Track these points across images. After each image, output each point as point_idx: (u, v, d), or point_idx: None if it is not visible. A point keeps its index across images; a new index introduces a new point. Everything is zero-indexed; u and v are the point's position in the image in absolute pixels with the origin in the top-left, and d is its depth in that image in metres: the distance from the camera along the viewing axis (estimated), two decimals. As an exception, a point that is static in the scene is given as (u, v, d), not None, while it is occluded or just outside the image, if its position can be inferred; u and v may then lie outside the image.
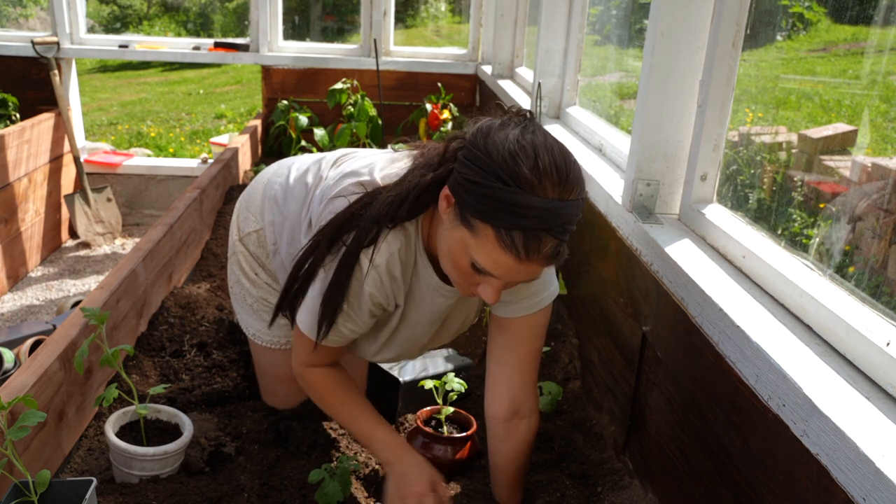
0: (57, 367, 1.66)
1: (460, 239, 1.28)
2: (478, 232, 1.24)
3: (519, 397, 1.57)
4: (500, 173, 1.20)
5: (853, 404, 0.95)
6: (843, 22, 1.93)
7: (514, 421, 1.58)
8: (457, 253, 1.30)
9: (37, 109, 4.30)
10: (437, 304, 1.55)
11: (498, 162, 1.20)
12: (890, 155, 1.69)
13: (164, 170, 4.70)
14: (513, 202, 1.19)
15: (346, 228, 1.42)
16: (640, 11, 2.66)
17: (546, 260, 1.24)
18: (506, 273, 1.26)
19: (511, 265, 1.24)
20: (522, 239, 1.20)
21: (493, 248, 1.23)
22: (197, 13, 14.15)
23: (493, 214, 1.21)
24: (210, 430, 1.81)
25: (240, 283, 1.91)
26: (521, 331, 1.55)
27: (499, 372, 1.58)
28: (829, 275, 1.21)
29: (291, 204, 1.73)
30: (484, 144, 1.24)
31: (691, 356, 1.34)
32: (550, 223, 1.20)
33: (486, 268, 1.26)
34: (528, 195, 1.19)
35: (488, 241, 1.23)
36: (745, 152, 2.03)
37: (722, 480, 1.24)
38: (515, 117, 1.31)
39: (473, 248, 1.26)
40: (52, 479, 1.35)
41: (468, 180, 1.24)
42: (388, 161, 1.54)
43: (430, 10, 13.23)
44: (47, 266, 4.06)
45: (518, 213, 1.19)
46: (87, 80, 11.31)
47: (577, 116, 2.57)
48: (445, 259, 1.36)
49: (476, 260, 1.27)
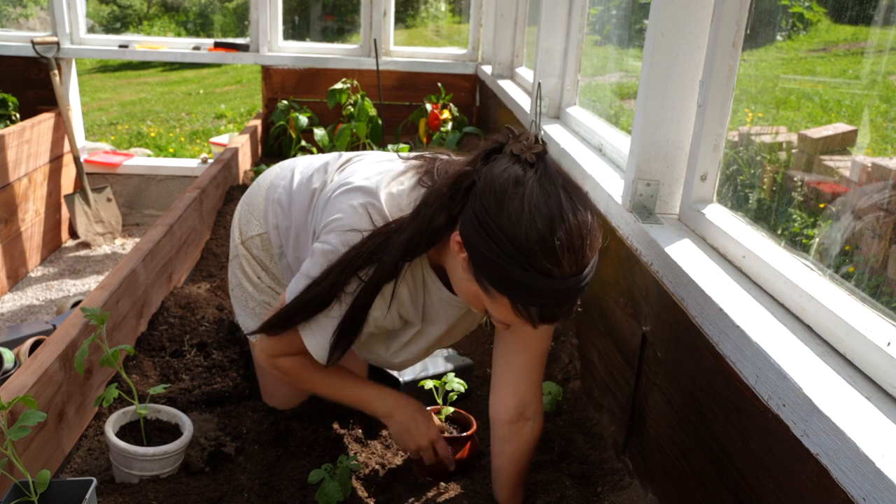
0: (57, 367, 1.66)
1: (475, 292, 1.31)
2: (494, 297, 1.27)
3: (524, 400, 1.58)
4: (517, 257, 1.20)
5: (853, 404, 0.95)
6: (843, 22, 1.93)
7: (519, 423, 1.58)
8: (471, 298, 1.36)
9: (37, 109, 4.31)
10: (451, 315, 1.59)
11: (514, 244, 1.20)
12: (890, 155, 1.69)
13: (164, 170, 4.70)
14: (530, 286, 1.21)
15: (364, 264, 1.42)
16: (640, 11, 2.66)
17: (560, 322, 1.31)
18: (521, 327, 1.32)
19: (525, 326, 1.30)
20: (538, 312, 1.25)
21: (509, 313, 1.28)
22: (197, 13, 14.15)
23: (510, 290, 1.23)
24: (210, 430, 1.81)
25: (241, 286, 1.89)
26: (528, 333, 1.54)
27: (505, 374, 1.59)
28: (829, 275, 1.21)
29: (296, 209, 1.73)
30: (497, 214, 1.22)
31: (691, 356, 1.34)
32: (567, 298, 1.24)
33: (501, 321, 1.32)
34: (545, 279, 1.20)
35: (504, 307, 1.27)
36: (745, 152, 2.03)
37: (722, 480, 1.24)
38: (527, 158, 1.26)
39: (489, 304, 1.30)
40: (52, 479, 1.35)
41: (483, 254, 1.23)
42: (393, 176, 1.52)
43: (430, 10, 13.23)
44: (47, 266, 4.06)
45: (535, 293, 1.22)
46: (87, 80, 11.31)
47: (577, 116, 2.57)
48: (460, 291, 1.40)
49: (491, 312, 1.32)
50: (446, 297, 1.53)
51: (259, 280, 1.86)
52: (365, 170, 1.58)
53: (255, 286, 1.87)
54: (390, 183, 1.50)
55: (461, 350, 2.27)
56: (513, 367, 1.58)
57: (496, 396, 1.61)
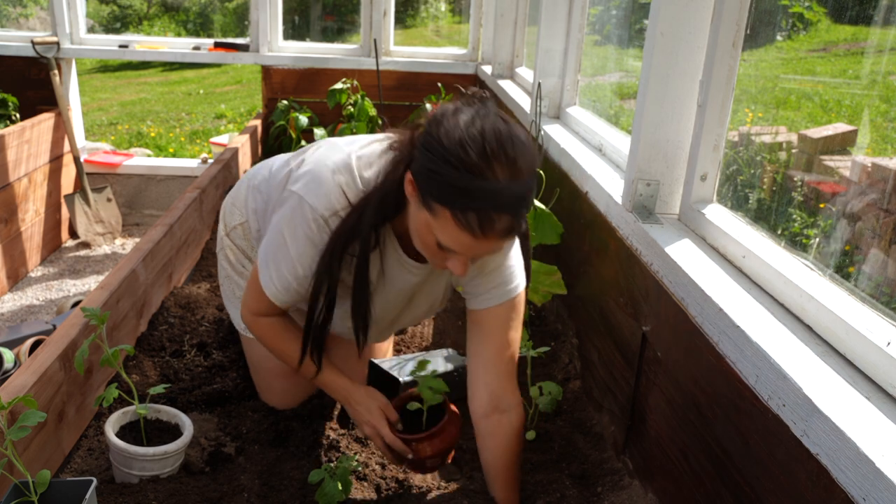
0: (57, 367, 1.66)
1: (424, 220, 1.37)
2: (437, 214, 1.32)
3: (496, 392, 1.60)
4: (452, 160, 1.28)
5: (853, 404, 0.95)
6: (843, 22, 1.93)
7: (495, 416, 1.60)
8: (423, 233, 1.39)
9: (37, 109, 4.30)
10: (405, 280, 1.63)
11: (449, 149, 1.28)
12: (890, 155, 1.69)
13: (164, 170, 4.70)
14: (464, 186, 1.27)
15: (350, 240, 1.48)
16: (640, 11, 2.66)
17: (502, 235, 1.33)
18: (466, 249, 1.35)
19: (470, 242, 1.32)
20: (476, 219, 1.28)
21: (452, 229, 1.32)
22: (197, 13, 14.15)
23: (448, 198, 1.29)
24: (210, 430, 1.81)
25: (229, 277, 1.95)
26: (492, 322, 1.60)
27: (475, 368, 1.63)
28: (829, 275, 1.21)
29: (274, 188, 1.77)
30: (437, 132, 1.31)
31: (691, 356, 1.34)
32: (501, 203, 1.28)
33: (448, 245, 1.35)
34: (477, 179, 1.27)
35: (447, 222, 1.31)
36: (745, 152, 2.03)
37: (722, 480, 1.24)
38: (470, 101, 1.37)
39: (435, 229, 1.35)
40: (52, 479, 1.35)
41: (425, 167, 1.32)
42: (367, 142, 1.60)
43: (430, 10, 13.23)
44: (47, 266, 4.06)
45: (470, 195, 1.27)
46: (87, 80, 11.31)
47: (577, 116, 2.57)
48: (415, 237, 1.44)
49: (439, 239, 1.36)
50: (403, 260, 1.59)
51: (244, 269, 1.91)
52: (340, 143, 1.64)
53: (240, 275, 1.92)
54: (364, 147, 1.58)
55: (461, 350, 2.27)
56: (482, 358, 1.62)
57: (471, 392, 1.64)
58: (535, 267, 2.08)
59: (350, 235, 1.48)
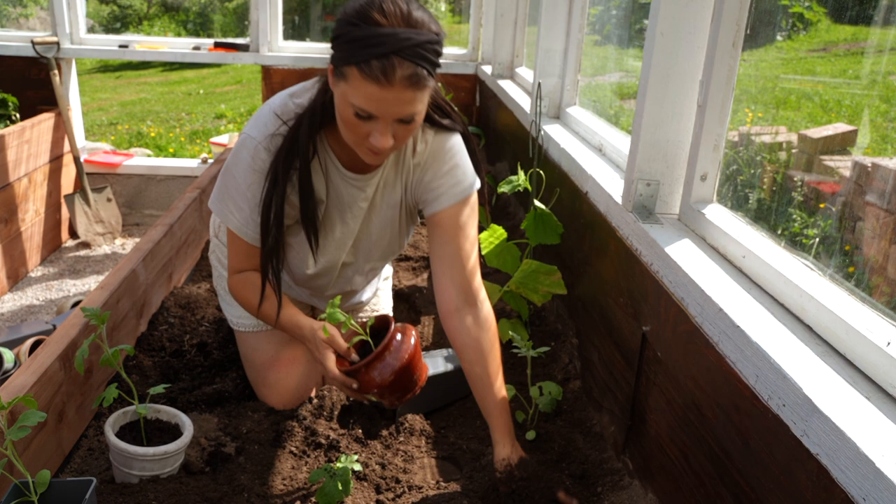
0: (57, 367, 1.66)
1: (342, 94, 1.47)
2: (348, 77, 1.43)
3: (463, 285, 1.69)
4: (352, 19, 1.41)
5: (853, 404, 0.95)
6: (843, 22, 1.93)
7: (466, 310, 1.68)
8: (343, 109, 1.49)
9: (37, 109, 4.30)
10: (352, 195, 1.73)
11: (349, 13, 1.43)
12: (890, 155, 1.69)
13: (164, 170, 4.70)
14: (363, 37, 1.39)
15: (291, 154, 1.61)
16: (640, 11, 2.66)
17: (406, 83, 1.41)
18: (379, 105, 1.43)
19: (378, 93, 1.41)
20: (379, 66, 1.38)
21: (361, 83, 1.41)
22: (197, 13, 14.15)
23: (353, 54, 1.41)
24: (210, 430, 1.81)
25: (222, 276, 2.03)
26: (450, 222, 1.71)
27: (439, 268, 1.72)
28: (829, 275, 1.21)
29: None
30: (343, 11, 1.46)
31: (691, 356, 1.34)
32: (399, 47, 1.38)
33: (363, 105, 1.44)
34: (374, 27, 1.39)
35: (356, 79, 1.42)
36: (745, 152, 2.03)
37: (722, 480, 1.24)
38: None
39: (350, 94, 1.44)
40: (52, 479, 1.35)
41: (333, 40, 1.46)
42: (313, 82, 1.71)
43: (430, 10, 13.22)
44: (47, 266, 4.06)
45: (369, 44, 1.39)
46: (87, 80, 11.31)
47: (577, 116, 2.57)
48: (341, 126, 1.54)
49: (353, 103, 1.44)
50: (343, 173, 1.71)
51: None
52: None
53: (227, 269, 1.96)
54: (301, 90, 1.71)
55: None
56: (445, 257, 1.71)
57: (438, 292, 1.71)
58: (535, 267, 2.08)
59: (290, 149, 1.60)
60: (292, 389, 1.96)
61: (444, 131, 1.73)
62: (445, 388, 2.03)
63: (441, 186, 1.71)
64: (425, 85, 1.45)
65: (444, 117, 1.72)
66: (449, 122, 1.73)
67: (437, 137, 1.72)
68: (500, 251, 2.24)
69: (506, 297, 2.23)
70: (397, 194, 1.78)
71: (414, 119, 1.49)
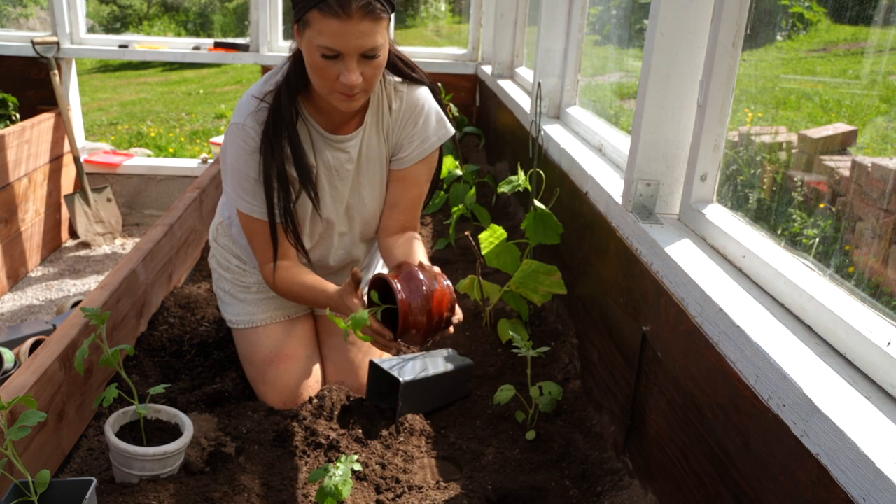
0: (57, 367, 1.66)
1: (308, 42, 1.59)
2: (310, 22, 1.56)
3: (405, 224, 1.94)
4: None
5: (853, 404, 0.95)
6: (843, 22, 1.93)
7: (402, 234, 1.92)
8: (311, 57, 1.60)
9: (37, 109, 4.30)
10: (337, 158, 1.85)
11: None
12: (890, 155, 1.69)
13: (164, 170, 4.70)
14: None
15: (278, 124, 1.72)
16: (640, 11, 2.66)
17: (363, 12, 1.53)
18: (341, 39, 1.54)
19: (339, 27, 1.53)
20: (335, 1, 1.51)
21: (322, 22, 1.54)
22: (197, 13, 14.15)
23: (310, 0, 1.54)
24: (210, 430, 1.81)
25: (220, 276, 2.09)
26: (412, 178, 1.92)
27: (391, 211, 1.94)
28: (829, 275, 1.21)
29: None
30: None
31: (691, 356, 1.34)
32: None
33: (326, 43, 1.55)
34: None
35: (317, 20, 1.54)
36: (745, 152, 2.03)
37: (722, 480, 1.24)
38: None
39: (314, 38, 1.56)
40: (52, 479, 1.35)
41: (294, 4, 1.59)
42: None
43: (430, 10, 13.23)
44: (47, 266, 4.06)
45: None
46: (87, 80, 11.31)
47: (577, 116, 2.57)
48: (312, 76, 1.65)
49: (318, 44, 1.56)
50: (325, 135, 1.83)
51: (229, 264, 2.07)
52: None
53: (226, 270, 2.08)
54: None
55: (461, 350, 2.27)
56: (400, 206, 1.93)
57: (383, 224, 1.94)
58: (535, 267, 2.09)
59: (276, 118, 1.72)
60: (292, 387, 1.96)
61: (414, 84, 1.88)
62: (445, 388, 2.03)
63: (410, 145, 1.88)
64: (380, 16, 1.56)
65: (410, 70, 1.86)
66: (417, 74, 1.87)
67: (409, 93, 1.87)
68: (501, 251, 2.24)
69: (506, 297, 2.23)
70: (382, 153, 1.91)
71: (378, 54, 1.61)
